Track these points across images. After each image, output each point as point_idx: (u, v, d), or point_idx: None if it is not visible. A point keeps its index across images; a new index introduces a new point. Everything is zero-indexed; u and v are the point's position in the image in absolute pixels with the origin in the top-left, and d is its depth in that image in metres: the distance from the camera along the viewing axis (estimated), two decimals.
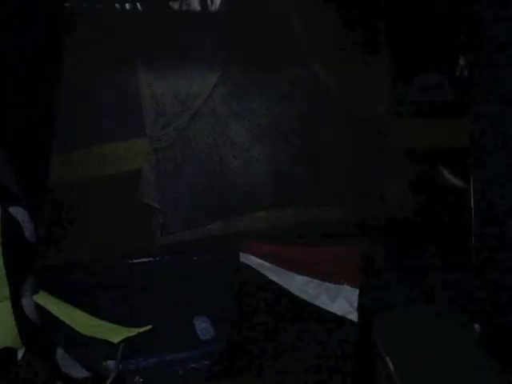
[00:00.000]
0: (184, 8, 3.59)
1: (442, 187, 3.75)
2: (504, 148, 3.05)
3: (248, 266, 3.37)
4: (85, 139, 3.55)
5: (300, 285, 3.28)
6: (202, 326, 3.29)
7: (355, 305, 3.21)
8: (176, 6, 3.57)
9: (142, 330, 2.75)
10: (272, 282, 3.27)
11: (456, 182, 3.71)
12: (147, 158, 3.76)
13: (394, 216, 3.80)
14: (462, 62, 3.53)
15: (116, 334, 2.68)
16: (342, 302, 3.23)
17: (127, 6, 3.54)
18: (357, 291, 3.22)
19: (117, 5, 3.53)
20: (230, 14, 3.56)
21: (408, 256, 3.59)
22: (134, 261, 3.67)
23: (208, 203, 3.80)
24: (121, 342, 2.67)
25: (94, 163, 3.66)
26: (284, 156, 3.86)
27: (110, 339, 2.64)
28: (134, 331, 2.74)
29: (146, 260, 3.69)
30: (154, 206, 3.82)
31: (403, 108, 3.76)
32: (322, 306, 3.22)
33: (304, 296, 3.23)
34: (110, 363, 2.75)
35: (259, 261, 3.36)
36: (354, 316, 3.23)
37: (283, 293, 3.23)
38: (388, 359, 3.02)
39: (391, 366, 2.97)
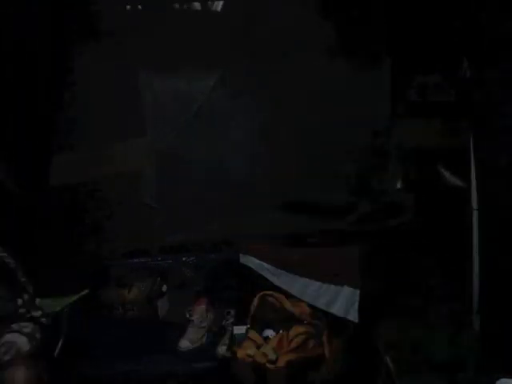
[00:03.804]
0: (184, 8, 3.59)
1: (442, 187, 3.75)
2: (504, 148, 3.05)
3: (248, 268, 3.39)
4: (85, 139, 3.55)
5: (300, 286, 3.28)
6: None
7: (356, 305, 3.22)
8: (176, 5, 3.57)
9: (80, 295, 3.03)
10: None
11: (456, 181, 3.70)
12: (147, 158, 3.76)
13: (394, 216, 3.80)
14: (462, 61, 3.52)
15: (57, 304, 2.97)
16: (342, 303, 3.24)
17: (127, 5, 3.54)
18: (357, 292, 3.22)
19: (117, 4, 3.53)
20: (230, 13, 3.55)
21: (408, 256, 3.59)
22: (134, 261, 3.68)
23: (208, 203, 3.80)
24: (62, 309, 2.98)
25: (94, 163, 3.66)
26: (284, 156, 3.85)
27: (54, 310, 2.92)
28: (72, 297, 3.01)
29: (146, 260, 3.69)
30: (154, 206, 3.83)
31: (403, 108, 3.76)
32: (322, 307, 3.23)
33: (304, 297, 3.24)
34: None
35: (259, 262, 3.37)
36: (354, 316, 3.24)
37: None
38: (388, 359, 3.02)
39: (391, 366, 2.98)
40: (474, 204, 3.25)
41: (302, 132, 3.78)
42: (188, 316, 3.25)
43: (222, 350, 3.10)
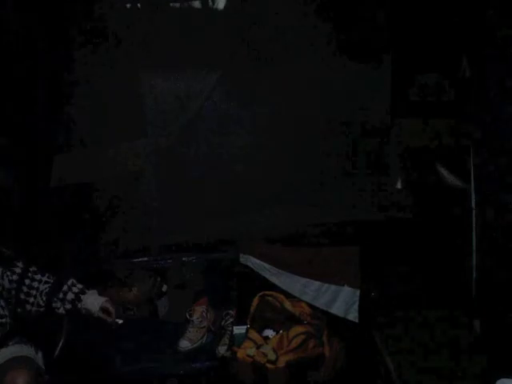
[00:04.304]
0: (185, 7, 3.58)
1: (442, 187, 3.75)
2: (504, 148, 3.06)
3: (248, 268, 3.39)
4: (85, 140, 3.55)
5: (300, 286, 3.29)
6: None
7: (356, 305, 3.22)
8: (177, 5, 3.57)
9: None
10: None
11: (456, 181, 3.71)
12: (147, 158, 3.76)
13: (393, 216, 3.80)
14: (462, 61, 3.52)
15: None
16: (342, 302, 3.24)
17: (127, 4, 3.54)
18: (357, 292, 3.23)
19: (117, 4, 3.53)
20: (231, 13, 3.55)
21: (408, 256, 3.59)
22: (134, 261, 3.69)
23: (208, 203, 3.80)
24: None
25: (94, 164, 3.66)
26: (284, 156, 3.85)
27: None
28: None
29: (146, 260, 3.70)
30: (154, 206, 3.83)
31: (403, 108, 3.76)
32: (322, 307, 3.23)
33: (304, 297, 3.25)
34: None
35: (259, 262, 3.38)
36: (354, 316, 3.24)
37: None
38: (388, 359, 3.03)
39: (391, 366, 2.98)
40: (474, 204, 3.25)
41: (303, 132, 3.78)
42: (188, 316, 3.26)
43: (221, 349, 3.10)
